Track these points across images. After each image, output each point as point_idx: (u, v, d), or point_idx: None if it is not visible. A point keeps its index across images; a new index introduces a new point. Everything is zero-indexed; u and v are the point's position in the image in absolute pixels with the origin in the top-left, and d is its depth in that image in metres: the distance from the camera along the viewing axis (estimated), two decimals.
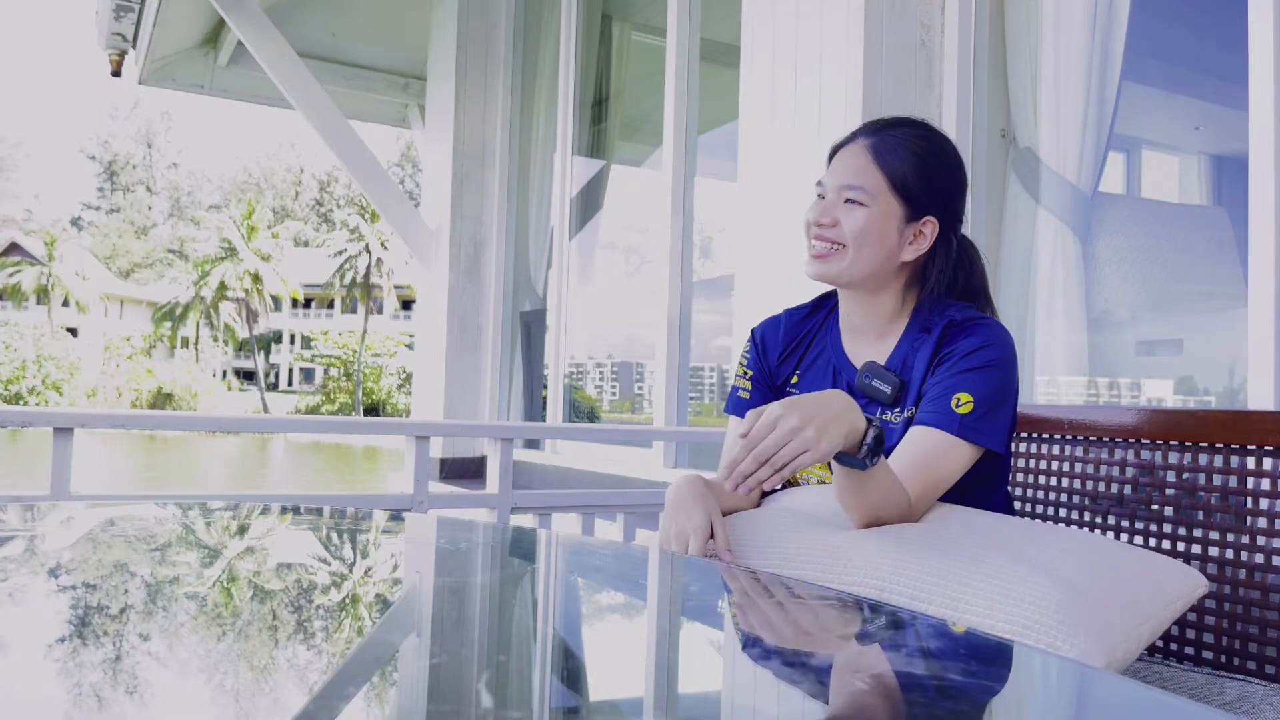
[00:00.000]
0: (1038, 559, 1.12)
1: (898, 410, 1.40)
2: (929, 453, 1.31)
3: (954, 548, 1.17)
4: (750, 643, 0.81)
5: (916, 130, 1.45)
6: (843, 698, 0.64)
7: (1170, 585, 1.17)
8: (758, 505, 1.51)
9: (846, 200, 1.40)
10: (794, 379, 1.54)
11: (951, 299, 1.45)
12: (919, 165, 1.41)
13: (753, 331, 1.61)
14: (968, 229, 2.67)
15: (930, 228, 1.42)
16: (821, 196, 1.45)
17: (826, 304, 1.56)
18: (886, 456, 1.30)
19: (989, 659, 0.75)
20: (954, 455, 1.32)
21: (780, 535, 1.31)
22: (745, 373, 1.58)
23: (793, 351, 1.55)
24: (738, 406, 1.57)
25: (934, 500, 1.32)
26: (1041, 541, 1.18)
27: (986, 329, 1.37)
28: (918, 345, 1.41)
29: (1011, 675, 0.74)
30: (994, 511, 1.45)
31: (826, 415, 1.14)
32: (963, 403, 1.32)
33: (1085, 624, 1.03)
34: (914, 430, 1.35)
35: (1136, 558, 1.20)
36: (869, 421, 1.18)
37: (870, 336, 1.47)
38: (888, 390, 1.40)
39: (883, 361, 1.44)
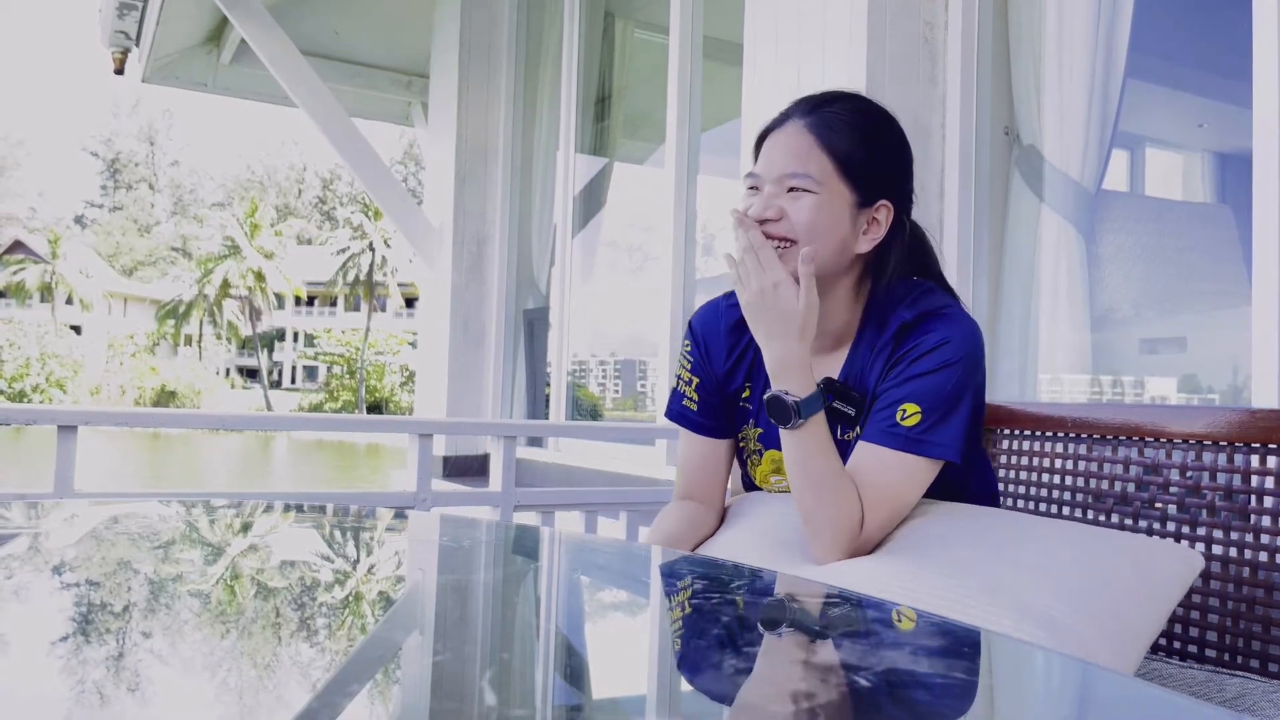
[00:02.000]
0: (1022, 593, 1.06)
1: (858, 429, 1.28)
2: (877, 476, 1.20)
3: (934, 586, 1.09)
4: (749, 642, 0.81)
5: (856, 104, 1.30)
6: (842, 696, 0.64)
7: (1163, 577, 1.16)
8: (722, 517, 1.42)
9: (790, 190, 1.24)
10: (745, 392, 1.38)
11: (906, 282, 1.30)
12: (865, 143, 1.26)
13: (691, 324, 1.41)
14: (971, 225, 2.68)
15: (885, 213, 1.26)
16: (755, 189, 1.27)
17: None
18: None
19: (991, 657, 0.75)
20: (905, 472, 1.20)
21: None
22: (690, 379, 1.40)
23: (741, 356, 1.37)
24: (685, 420, 1.40)
25: (893, 520, 1.21)
26: (1020, 562, 1.11)
27: (943, 324, 1.23)
28: (872, 348, 1.28)
29: (1014, 674, 0.74)
30: (975, 501, 1.39)
31: (777, 330, 1.19)
32: (909, 414, 1.20)
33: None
34: (859, 447, 1.23)
35: (1127, 558, 1.18)
36: (812, 394, 1.18)
37: (825, 346, 1.32)
38: (852, 412, 1.28)
39: (837, 372, 1.31)
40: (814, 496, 1.19)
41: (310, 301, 55.92)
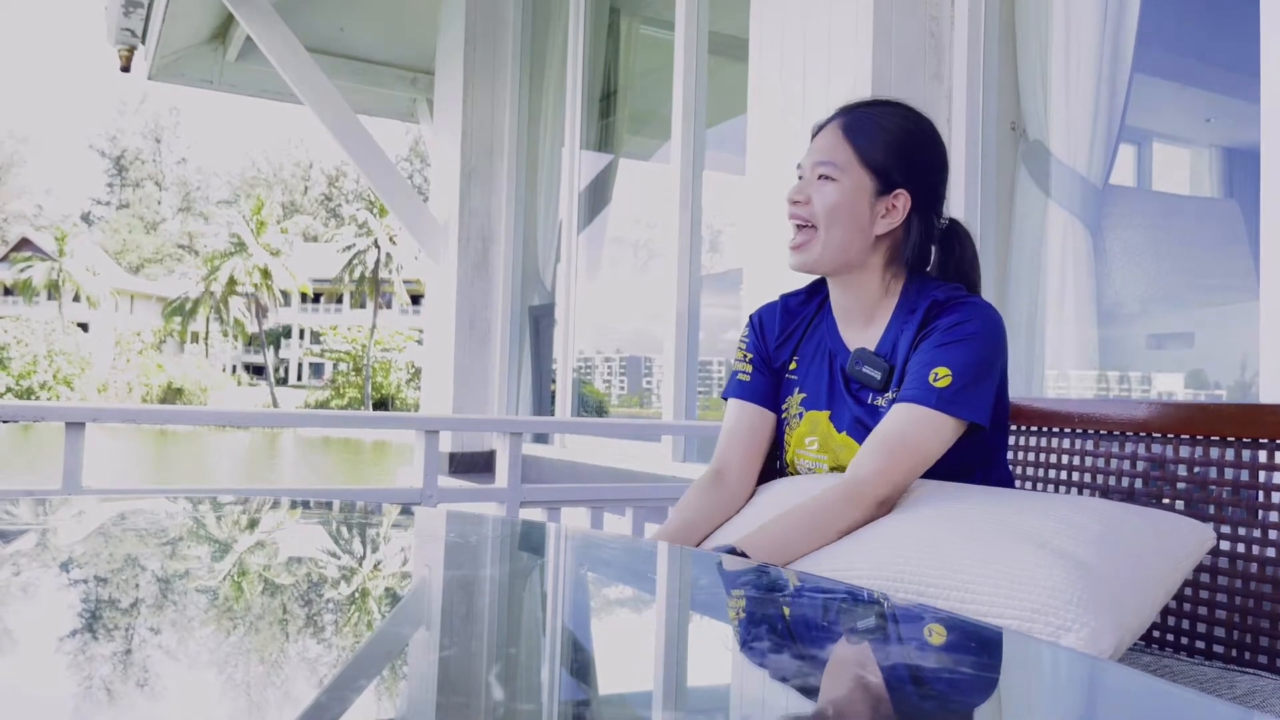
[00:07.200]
0: (1044, 537, 1.12)
1: (887, 395, 1.42)
2: (905, 428, 1.32)
3: (960, 532, 1.16)
4: (756, 637, 0.81)
5: (892, 109, 1.49)
6: (847, 693, 0.64)
7: (1178, 544, 1.19)
8: (751, 495, 1.51)
9: (820, 177, 1.44)
10: (792, 364, 1.56)
11: (940, 281, 1.46)
12: (889, 140, 1.44)
13: (751, 317, 1.63)
14: (977, 221, 2.68)
15: (902, 200, 1.43)
16: (801, 177, 1.49)
17: (822, 289, 1.57)
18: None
19: (998, 652, 0.75)
20: (932, 429, 1.31)
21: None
22: (745, 356, 1.59)
23: (790, 335, 1.57)
24: (738, 390, 1.58)
25: (914, 477, 1.32)
26: (1046, 514, 1.18)
27: (968, 306, 1.39)
28: (904, 327, 1.43)
29: (1021, 668, 0.74)
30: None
31: None
32: (940, 376, 1.32)
33: (1096, 603, 1.03)
34: (894, 408, 1.36)
35: (1142, 520, 1.21)
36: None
37: (860, 320, 1.48)
38: (877, 376, 1.42)
39: (873, 346, 1.46)
40: (822, 534, 1.27)
41: (316, 298, 56.01)
